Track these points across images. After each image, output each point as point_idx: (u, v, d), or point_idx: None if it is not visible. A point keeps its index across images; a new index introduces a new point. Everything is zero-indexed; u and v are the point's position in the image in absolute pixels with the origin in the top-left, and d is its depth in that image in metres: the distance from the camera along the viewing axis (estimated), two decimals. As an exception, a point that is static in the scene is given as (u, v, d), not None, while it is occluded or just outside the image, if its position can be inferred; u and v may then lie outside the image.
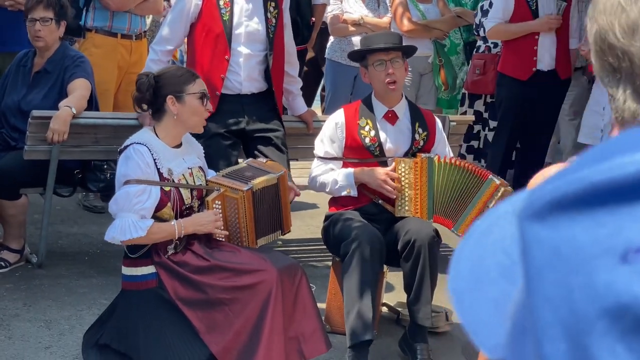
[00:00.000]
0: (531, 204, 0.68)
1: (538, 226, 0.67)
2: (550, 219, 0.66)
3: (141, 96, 4.40)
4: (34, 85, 5.73)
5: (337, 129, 5.09)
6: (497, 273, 0.72)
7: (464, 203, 4.96)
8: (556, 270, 0.65)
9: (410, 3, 7.97)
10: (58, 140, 5.27)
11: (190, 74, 4.43)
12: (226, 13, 5.32)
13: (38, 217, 6.01)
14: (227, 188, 4.42)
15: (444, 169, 4.99)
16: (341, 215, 4.99)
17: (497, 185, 4.91)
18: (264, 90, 5.47)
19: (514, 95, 7.33)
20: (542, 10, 7.27)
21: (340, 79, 7.86)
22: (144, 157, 4.17)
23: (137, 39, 6.91)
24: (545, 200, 0.67)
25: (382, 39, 5.13)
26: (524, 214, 0.69)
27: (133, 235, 4.09)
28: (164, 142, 4.31)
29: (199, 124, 4.40)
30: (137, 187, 4.12)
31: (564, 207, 0.66)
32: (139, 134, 4.32)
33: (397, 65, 5.03)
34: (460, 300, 0.74)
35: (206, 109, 4.38)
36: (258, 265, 4.21)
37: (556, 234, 0.66)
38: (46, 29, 5.67)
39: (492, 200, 4.89)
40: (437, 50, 7.97)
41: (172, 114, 4.30)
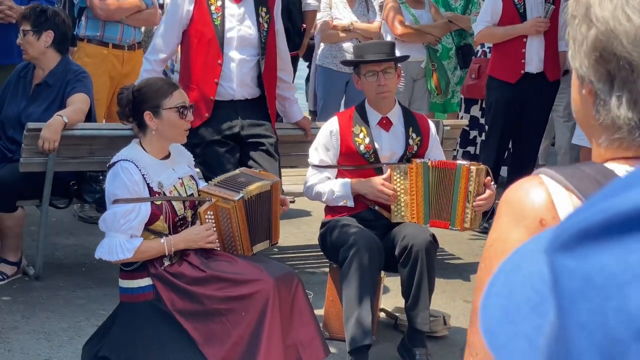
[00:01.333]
0: (558, 237, 0.70)
1: (567, 258, 0.69)
2: (579, 249, 0.68)
3: (122, 111, 4.41)
4: (34, 98, 5.72)
5: (331, 137, 5.11)
6: (528, 309, 0.74)
7: (448, 199, 4.99)
8: (589, 299, 0.67)
9: (403, 8, 8.00)
10: (49, 148, 5.26)
11: (167, 87, 4.38)
12: (217, 18, 5.33)
13: (34, 229, 6.01)
14: (219, 198, 4.40)
15: (434, 173, 5.01)
16: (338, 222, 5.01)
17: (468, 167, 4.94)
18: (257, 97, 5.48)
19: (504, 98, 7.35)
20: (530, 13, 7.29)
21: (332, 85, 7.87)
22: (131, 175, 4.16)
23: (129, 49, 6.92)
24: (573, 231, 0.69)
25: (374, 49, 5.14)
26: (552, 247, 0.70)
27: (120, 257, 4.11)
28: (151, 155, 4.30)
29: (180, 136, 4.37)
30: (124, 206, 4.12)
31: (591, 237, 0.68)
32: (126, 150, 4.31)
33: (389, 75, 5.04)
34: (493, 338, 0.75)
35: (186, 120, 4.36)
36: (254, 274, 4.21)
37: (586, 263, 0.68)
38: (24, 41, 5.67)
39: (471, 184, 4.91)
40: (430, 55, 8.00)
41: (152, 129, 4.29)
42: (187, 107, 4.35)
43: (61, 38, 5.82)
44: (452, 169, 4.98)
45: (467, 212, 4.94)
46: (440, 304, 5.62)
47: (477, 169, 4.93)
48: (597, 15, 1.21)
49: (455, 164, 5.03)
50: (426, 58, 7.94)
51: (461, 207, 4.95)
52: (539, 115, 7.53)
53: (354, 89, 7.38)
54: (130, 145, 4.37)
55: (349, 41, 7.73)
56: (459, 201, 4.96)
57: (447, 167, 5.00)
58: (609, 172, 1.25)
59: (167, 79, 4.82)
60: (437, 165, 5.02)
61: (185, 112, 4.32)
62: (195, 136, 5.11)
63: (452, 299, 5.85)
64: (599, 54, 1.23)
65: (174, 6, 5.43)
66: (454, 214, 4.98)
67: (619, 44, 1.19)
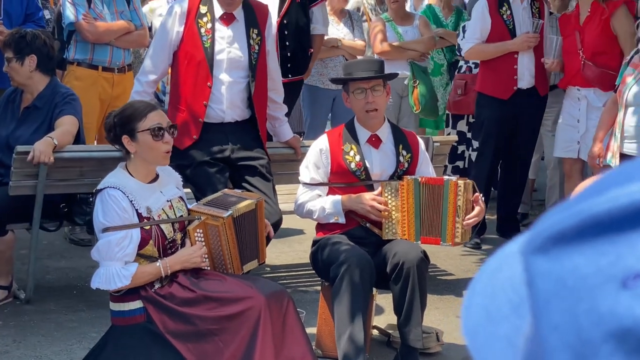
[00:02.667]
0: (534, 239, 0.71)
1: (541, 259, 0.70)
2: (553, 251, 0.69)
3: (107, 136, 4.40)
4: (22, 121, 5.72)
5: (321, 155, 5.11)
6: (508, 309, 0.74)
7: (438, 215, 4.99)
8: (562, 300, 0.67)
9: (389, 26, 8.02)
10: (43, 159, 5.23)
11: (143, 108, 4.31)
12: (207, 40, 5.32)
13: (24, 253, 6.00)
14: (208, 216, 4.42)
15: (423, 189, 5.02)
16: (329, 240, 5.01)
17: (455, 182, 4.96)
18: (247, 118, 5.48)
19: (496, 114, 7.37)
20: (519, 29, 7.32)
21: (318, 103, 7.85)
22: (119, 202, 4.14)
23: (119, 72, 6.93)
24: (547, 234, 0.70)
25: (363, 67, 5.16)
26: (528, 249, 0.71)
27: (118, 285, 4.10)
28: (137, 179, 4.28)
29: (159, 158, 4.30)
30: (117, 234, 4.10)
31: (566, 240, 0.69)
32: (112, 176, 4.27)
33: (378, 93, 5.05)
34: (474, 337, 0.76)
35: (164, 141, 4.30)
36: (244, 292, 4.21)
37: (560, 265, 0.68)
38: (9, 68, 5.68)
39: (460, 198, 4.92)
40: (413, 71, 8.01)
41: (131, 152, 4.27)
42: (163, 128, 4.26)
43: (45, 60, 5.78)
44: (440, 184, 4.99)
45: (457, 226, 4.94)
46: (433, 320, 5.62)
47: (464, 183, 4.95)
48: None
49: (442, 179, 5.05)
50: (409, 74, 7.94)
51: (451, 222, 4.96)
52: (531, 130, 7.55)
53: (340, 106, 7.42)
54: (116, 170, 4.33)
55: (335, 58, 7.74)
56: (448, 216, 4.96)
57: (435, 184, 5.01)
58: None
59: (147, 101, 4.74)
60: (426, 181, 5.03)
61: (161, 133, 4.24)
62: (185, 157, 5.11)
63: (445, 315, 5.84)
64: None
65: (164, 28, 5.44)
66: (445, 230, 4.99)
67: None
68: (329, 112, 7.87)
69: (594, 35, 6.98)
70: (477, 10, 7.44)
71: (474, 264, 6.89)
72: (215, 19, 5.35)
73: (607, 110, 6.37)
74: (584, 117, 7.03)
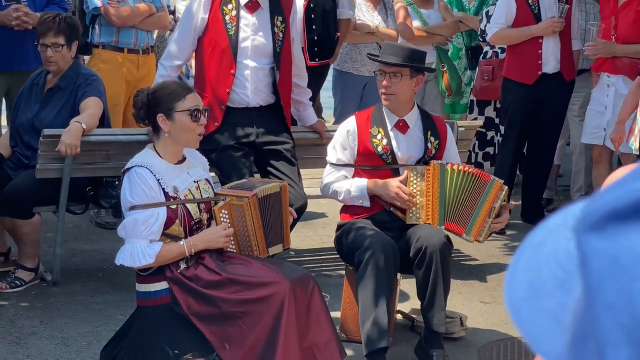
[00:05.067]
0: (588, 217, 0.71)
1: (595, 237, 0.69)
2: (608, 229, 0.69)
3: (137, 114, 4.43)
4: (46, 103, 5.75)
5: (348, 137, 5.12)
6: (553, 285, 0.74)
7: (470, 207, 4.99)
8: (616, 279, 0.67)
9: (411, 9, 7.98)
10: (70, 153, 5.29)
11: (180, 90, 4.40)
12: (232, 28, 5.32)
13: (51, 236, 6.04)
14: (233, 197, 4.46)
15: (454, 176, 5.01)
16: (353, 225, 5.01)
17: (501, 185, 4.96)
18: (272, 103, 5.49)
19: (521, 99, 7.35)
20: (545, 14, 7.28)
21: (350, 89, 7.77)
22: (147, 181, 4.17)
23: (144, 53, 6.96)
24: (602, 211, 0.70)
25: (390, 51, 5.15)
26: (581, 227, 0.71)
27: (142, 263, 4.12)
28: (165, 160, 4.31)
29: (192, 140, 4.38)
30: (144, 212, 4.13)
31: (621, 218, 0.68)
32: (141, 155, 4.33)
33: (396, 79, 5.02)
34: (518, 312, 0.76)
35: (199, 124, 4.36)
36: (270, 277, 4.22)
37: (614, 244, 0.68)
38: (58, 54, 5.69)
39: (497, 201, 4.94)
40: (440, 56, 7.97)
41: (164, 131, 4.31)
42: (200, 110, 4.35)
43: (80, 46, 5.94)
44: (485, 180, 4.98)
45: (485, 226, 4.94)
46: (457, 305, 5.62)
47: (506, 190, 5.01)
48: None
49: (489, 176, 5.03)
50: (436, 59, 7.91)
51: (481, 220, 4.95)
52: (556, 115, 7.53)
53: (370, 93, 7.40)
54: (144, 150, 4.38)
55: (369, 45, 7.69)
56: (480, 214, 4.95)
57: (481, 177, 5.01)
58: None
59: (182, 82, 4.83)
60: (472, 172, 5.03)
61: (198, 116, 4.33)
62: (210, 142, 5.11)
63: (468, 300, 5.84)
64: None
65: (189, 13, 5.44)
66: (472, 225, 4.97)
67: None
68: (360, 99, 7.83)
69: (627, 22, 6.92)
70: (503, -5, 7.41)
71: (498, 249, 6.88)
72: (240, 6, 5.34)
73: (630, 94, 6.33)
74: (611, 104, 6.99)
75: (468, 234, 5.00)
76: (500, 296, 5.80)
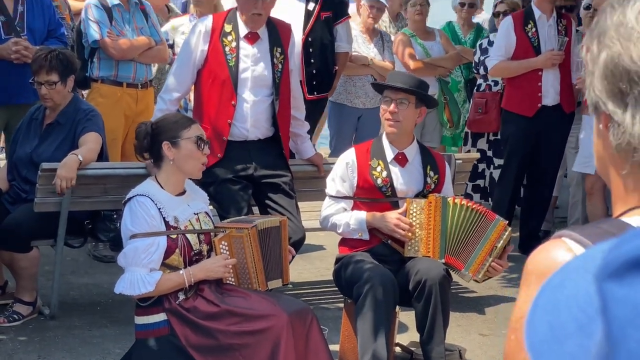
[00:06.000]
0: (609, 264, 0.70)
1: (616, 285, 0.69)
2: (629, 278, 0.69)
3: (140, 144, 4.46)
4: (45, 137, 5.75)
5: (348, 169, 5.12)
6: (574, 327, 0.74)
7: (472, 244, 4.99)
8: (638, 327, 0.67)
9: (413, 40, 8.03)
10: (66, 186, 5.28)
11: (186, 120, 4.48)
12: (232, 59, 5.35)
13: (49, 269, 6.02)
14: (233, 229, 4.48)
15: (457, 210, 5.01)
16: (352, 258, 5.01)
17: (505, 225, 4.97)
18: (271, 136, 5.49)
19: (521, 131, 7.36)
20: (544, 47, 7.31)
21: (344, 120, 7.82)
22: (148, 209, 4.19)
23: (142, 87, 6.96)
24: (623, 260, 0.69)
25: (399, 79, 5.18)
26: (602, 274, 0.71)
27: (142, 291, 4.12)
28: (167, 191, 4.33)
29: (196, 168, 4.41)
30: (144, 241, 4.14)
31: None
32: (142, 186, 4.36)
33: (402, 106, 5.04)
34: (538, 355, 0.76)
35: (204, 153, 4.40)
36: (268, 309, 4.21)
37: (635, 292, 0.68)
38: (53, 91, 5.68)
39: (499, 241, 4.94)
40: (442, 88, 8.01)
41: (169, 159, 4.33)
42: (204, 140, 4.40)
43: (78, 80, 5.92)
44: (490, 219, 5.00)
45: (485, 264, 4.94)
46: (455, 337, 5.59)
47: (510, 231, 5.01)
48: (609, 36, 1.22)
49: (495, 215, 5.05)
50: (438, 90, 7.94)
51: (482, 257, 4.96)
52: (556, 147, 7.54)
53: (365, 125, 7.45)
54: (146, 181, 4.43)
55: (364, 77, 7.72)
56: (482, 251, 4.96)
57: (486, 215, 5.02)
58: (624, 224, 1.23)
59: (186, 115, 4.90)
60: (478, 209, 5.03)
61: (203, 145, 4.37)
62: (208, 176, 5.11)
63: (467, 333, 5.81)
64: (610, 72, 1.22)
65: (188, 46, 5.47)
66: (472, 261, 4.98)
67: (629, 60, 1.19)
68: (354, 131, 7.85)
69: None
70: (503, 28, 7.44)
71: (496, 281, 6.85)
72: (240, 37, 5.38)
73: None
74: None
75: (467, 270, 4.99)
76: (498, 328, 5.78)
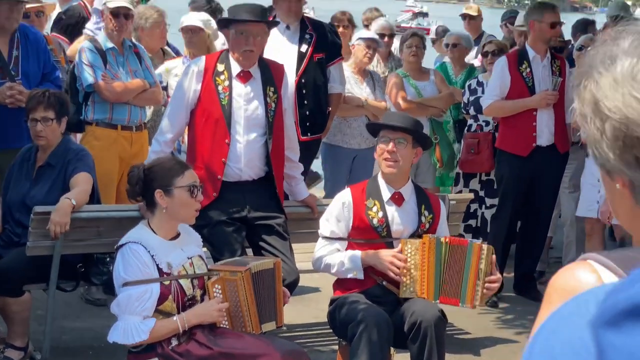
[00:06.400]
0: (605, 312, 0.71)
1: (612, 333, 0.70)
2: (625, 326, 0.69)
3: (132, 189, 4.43)
4: (37, 180, 5.74)
5: (344, 209, 5.11)
6: None
7: (458, 276, 4.97)
8: None
9: (406, 81, 8.05)
10: (60, 232, 5.26)
11: (179, 166, 4.43)
12: (225, 97, 5.36)
13: (41, 313, 5.97)
14: (226, 272, 4.45)
15: (446, 249, 5.00)
16: (347, 299, 5.00)
17: (480, 245, 4.96)
18: (264, 176, 5.48)
19: (515, 171, 7.35)
20: (539, 86, 7.32)
21: (339, 161, 7.83)
22: (140, 257, 4.17)
23: (137, 130, 6.96)
24: (621, 308, 0.70)
25: (396, 119, 5.21)
26: (599, 321, 0.71)
27: (136, 340, 4.10)
28: (160, 236, 4.30)
29: (190, 216, 4.40)
30: (138, 289, 4.11)
31: (637, 315, 0.68)
32: (134, 231, 4.33)
33: (401, 146, 5.05)
34: None
35: (197, 200, 4.38)
36: (262, 349, 4.21)
37: (632, 340, 0.68)
38: (48, 128, 5.69)
39: (482, 262, 4.91)
40: (433, 128, 8.01)
41: (162, 207, 4.30)
42: (197, 187, 4.37)
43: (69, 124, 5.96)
44: (463, 245, 4.98)
45: (478, 289, 4.92)
46: (451, 380, 5.55)
47: (487, 247, 4.96)
48: (608, 107, 1.23)
49: (466, 241, 5.05)
50: (429, 131, 7.94)
51: (472, 285, 4.94)
52: (551, 188, 7.52)
53: (359, 166, 7.45)
54: (138, 226, 4.40)
55: (358, 118, 7.73)
56: (469, 279, 4.95)
57: (458, 244, 5.01)
58: None
59: (179, 159, 4.87)
60: (449, 241, 5.02)
61: (196, 192, 4.34)
62: (202, 217, 5.09)
63: (463, 375, 5.77)
64: (621, 142, 1.23)
65: (181, 87, 5.48)
66: (464, 292, 4.96)
67: (638, 127, 1.20)
68: (349, 171, 7.85)
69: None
70: (497, 68, 7.46)
71: (491, 322, 6.82)
72: (233, 76, 5.40)
73: None
74: None
75: (464, 302, 4.99)
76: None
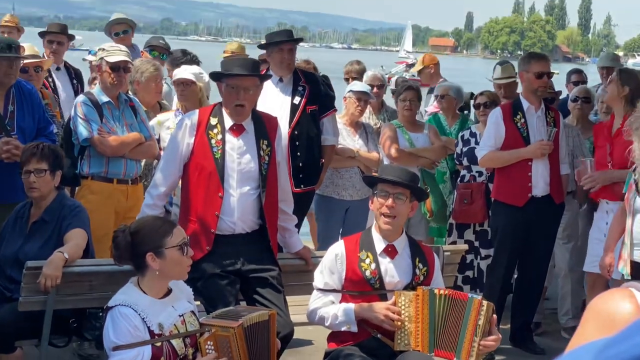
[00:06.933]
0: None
1: None
2: None
3: (119, 254, 4.38)
4: (30, 236, 5.73)
5: (337, 261, 5.10)
6: None
7: (455, 330, 4.93)
8: None
9: (400, 132, 8.06)
10: (51, 285, 5.24)
11: (167, 225, 4.39)
12: (218, 151, 5.37)
13: (32, 369, 5.91)
14: (218, 327, 4.40)
15: (441, 301, 4.97)
16: (341, 352, 4.97)
17: (480, 301, 4.91)
18: (258, 229, 5.46)
19: (511, 221, 7.32)
20: (534, 137, 7.32)
21: (332, 213, 7.85)
22: (131, 320, 4.13)
23: (133, 183, 6.97)
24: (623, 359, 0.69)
25: (394, 173, 5.18)
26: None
27: None
28: (150, 296, 4.26)
29: (183, 273, 4.38)
30: (129, 353, 4.08)
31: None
32: (123, 292, 4.28)
33: (400, 201, 5.05)
34: None
35: (188, 256, 4.35)
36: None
37: None
38: (41, 180, 5.70)
39: (480, 318, 4.87)
40: (424, 178, 8.01)
41: (154, 270, 4.26)
42: (187, 243, 4.35)
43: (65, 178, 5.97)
44: (463, 300, 4.94)
45: (474, 345, 4.88)
46: None
47: (487, 303, 4.92)
48: None
49: (466, 295, 5.01)
50: (420, 181, 7.93)
51: (469, 340, 4.90)
52: (546, 238, 7.48)
53: (352, 217, 7.44)
54: (127, 286, 4.34)
55: (350, 169, 7.74)
56: (467, 334, 4.90)
57: (458, 298, 4.98)
58: None
59: (161, 217, 4.83)
60: (448, 294, 4.99)
61: (186, 250, 4.32)
62: (195, 271, 5.07)
63: None
64: None
65: (174, 140, 5.50)
66: (460, 346, 4.92)
67: None
68: (342, 223, 7.85)
69: (623, 148, 6.89)
70: (492, 118, 7.46)
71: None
72: (225, 130, 5.41)
73: (616, 219, 6.30)
74: None
75: (459, 357, 4.94)
76: None
